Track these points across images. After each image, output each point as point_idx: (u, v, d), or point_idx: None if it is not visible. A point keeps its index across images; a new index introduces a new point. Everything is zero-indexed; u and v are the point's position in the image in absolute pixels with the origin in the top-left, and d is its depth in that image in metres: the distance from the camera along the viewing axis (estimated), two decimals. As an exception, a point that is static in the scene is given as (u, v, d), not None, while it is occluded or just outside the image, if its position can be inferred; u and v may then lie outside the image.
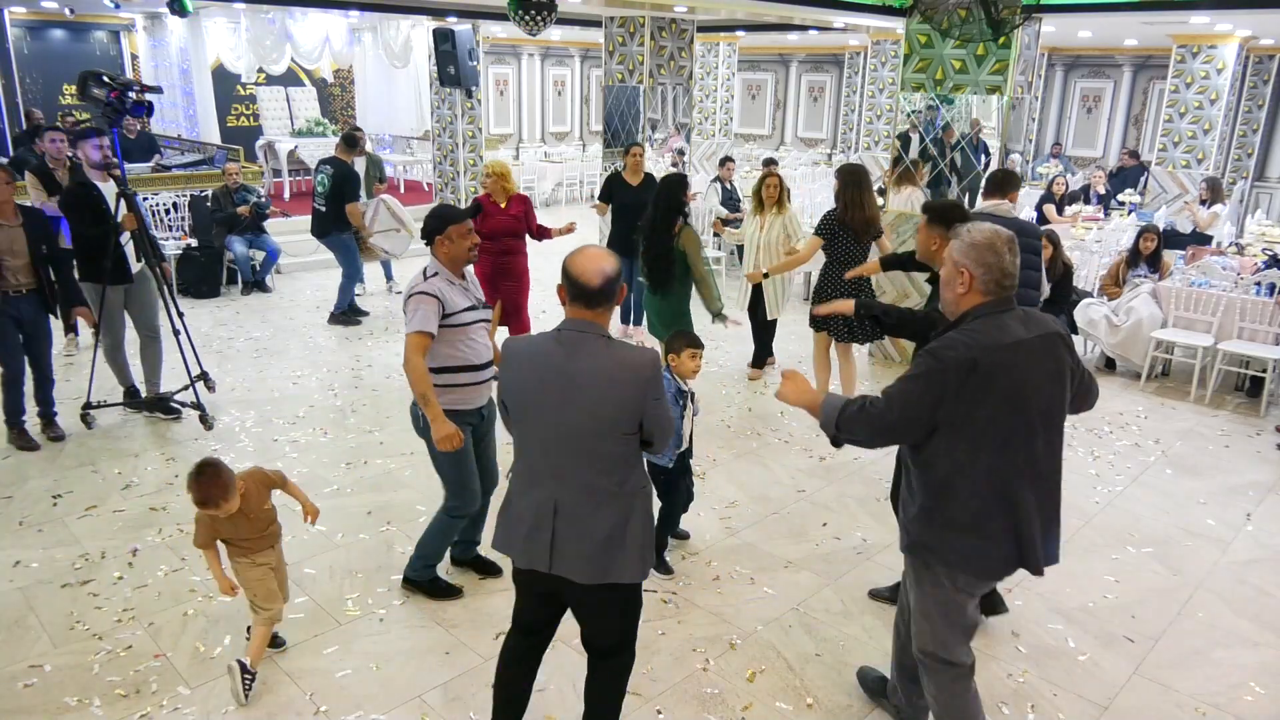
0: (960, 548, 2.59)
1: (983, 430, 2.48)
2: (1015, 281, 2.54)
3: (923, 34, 6.77)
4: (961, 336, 2.50)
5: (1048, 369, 2.56)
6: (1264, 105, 12.84)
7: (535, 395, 2.49)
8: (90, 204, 5.37)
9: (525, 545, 2.56)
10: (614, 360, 2.45)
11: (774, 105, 18.20)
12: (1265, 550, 4.56)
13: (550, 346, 2.49)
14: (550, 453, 2.51)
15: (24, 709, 3.16)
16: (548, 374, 2.47)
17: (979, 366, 2.43)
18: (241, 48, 13.08)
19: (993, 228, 2.57)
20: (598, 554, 2.50)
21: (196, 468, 3.12)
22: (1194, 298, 6.82)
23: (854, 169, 5.86)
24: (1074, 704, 3.35)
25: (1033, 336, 2.53)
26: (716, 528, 4.61)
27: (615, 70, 9.21)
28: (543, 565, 2.54)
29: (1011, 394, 2.48)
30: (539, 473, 2.55)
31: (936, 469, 2.56)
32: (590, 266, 2.46)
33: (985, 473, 2.52)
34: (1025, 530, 2.57)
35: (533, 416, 2.51)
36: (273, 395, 6.27)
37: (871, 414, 2.54)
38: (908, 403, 2.50)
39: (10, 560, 4.10)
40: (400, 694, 3.29)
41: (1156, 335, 6.85)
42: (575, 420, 2.45)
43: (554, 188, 15.36)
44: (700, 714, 3.24)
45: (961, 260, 2.54)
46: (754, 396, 6.57)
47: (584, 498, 2.50)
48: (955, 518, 2.57)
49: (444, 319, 3.47)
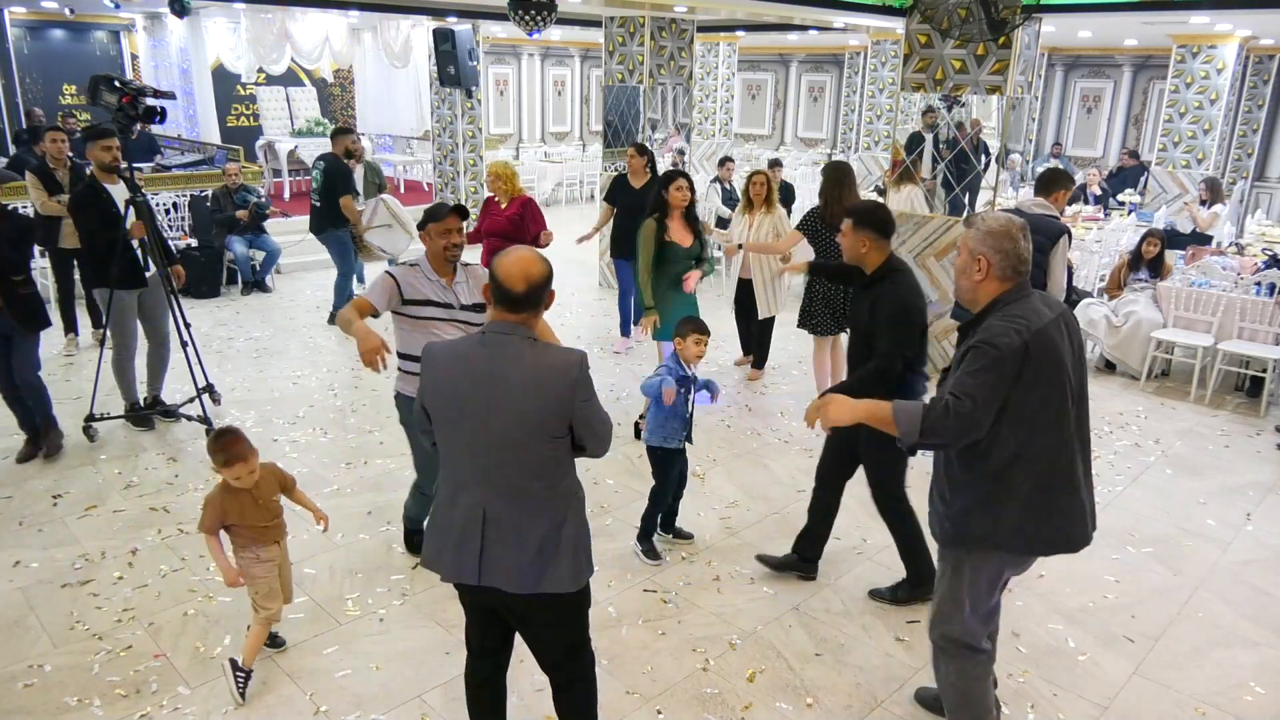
0: (1020, 529, 2.64)
1: (1038, 412, 2.55)
2: (1030, 267, 2.62)
3: (923, 34, 6.78)
4: (1010, 323, 2.55)
5: (1073, 346, 2.64)
6: (1264, 105, 12.83)
7: (460, 399, 2.40)
8: (99, 206, 5.25)
9: (453, 557, 2.46)
10: (540, 361, 2.39)
11: (774, 105, 18.20)
12: (1265, 550, 4.56)
13: (474, 349, 2.42)
14: (478, 457, 2.42)
15: (24, 709, 3.16)
16: (473, 376, 2.39)
17: (1030, 350, 2.51)
18: (241, 48, 13.08)
19: (1008, 216, 2.66)
20: (529, 563, 2.41)
21: (215, 433, 3.24)
22: (1194, 298, 6.82)
23: (836, 166, 5.89)
24: (1074, 704, 3.35)
25: (1056, 316, 2.61)
26: (716, 528, 4.61)
27: (615, 70, 9.21)
28: (471, 577, 2.44)
29: (1055, 373, 2.56)
30: (465, 480, 2.45)
31: (993, 457, 2.59)
32: (515, 270, 2.39)
33: (1044, 452, 2.58)
34: (1086, 499, 2.67)
35: (458, 420, 2.42)
36: (273, 395, 6.27)
37: (960, 414, 2.50)
38: (987, 396, 2.51)
39: (10, 560, 4.10)
40: (400, 694, 3.29)
41: (1156, 335, 6.85)
42: (502, 423, 2.37)
43: (554, 188, 15.36)
44: (700, 714, 3.24)
45: (978, 248, 2.61)
46: (754, 396, 6.57)
47: (513, 504, 2.42)
48: (1015, 501, 2.61)
49: (402, 305, 3.65)
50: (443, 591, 3.90)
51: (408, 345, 3.70)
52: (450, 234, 3.63)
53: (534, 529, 2.42)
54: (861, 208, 3.71)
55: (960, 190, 7.05)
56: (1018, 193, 10.99)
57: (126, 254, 5.25)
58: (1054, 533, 2.66)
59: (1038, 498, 2.61)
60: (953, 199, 7.07)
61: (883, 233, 3.61)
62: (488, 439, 2.39)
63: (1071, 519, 2.66)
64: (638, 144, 7.40)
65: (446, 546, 2.49)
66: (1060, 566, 4.30)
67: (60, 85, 13.86)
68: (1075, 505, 2.65)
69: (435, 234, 3.65)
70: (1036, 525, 2.63)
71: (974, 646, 2.81)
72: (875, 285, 3.64)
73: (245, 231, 8.96)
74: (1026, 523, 2.62)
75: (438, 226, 3.63)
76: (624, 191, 7.28)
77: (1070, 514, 2.65)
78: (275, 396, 6.24)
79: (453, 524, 2.47)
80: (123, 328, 5.47)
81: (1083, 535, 2.71)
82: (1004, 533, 2.65)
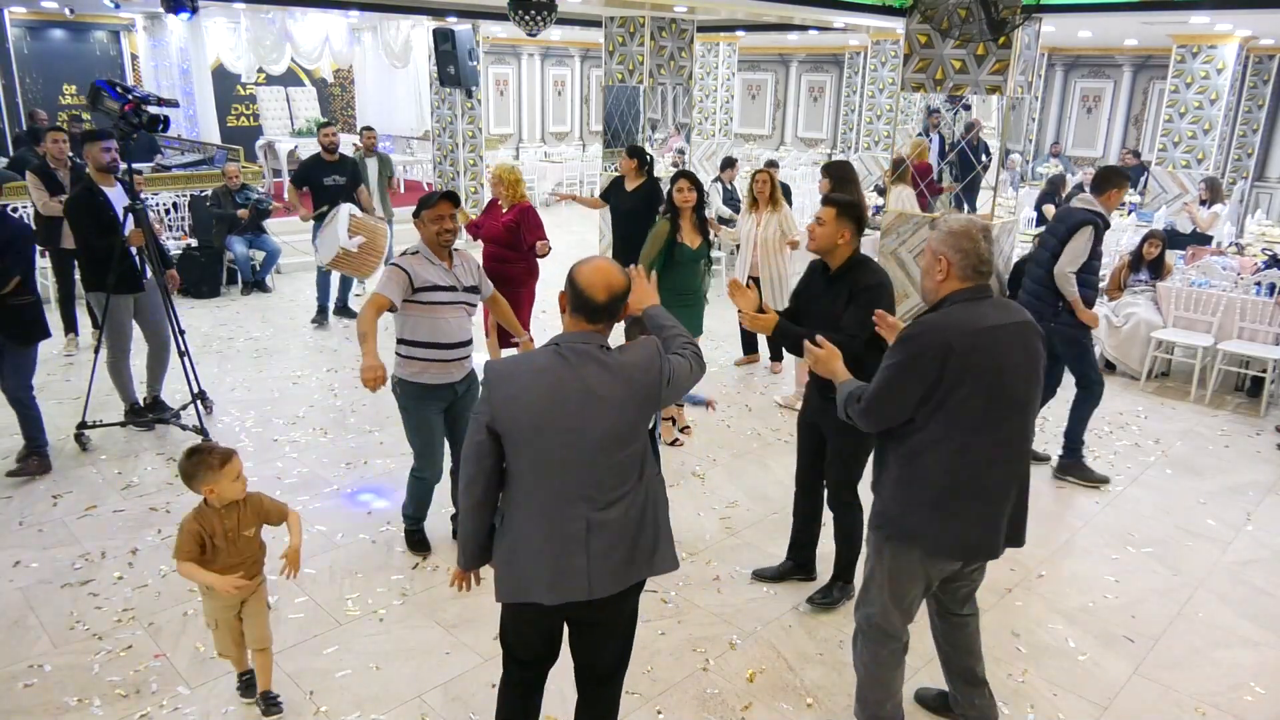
0: (923, 523, 2.67)
1: (956, 410, 2.57)
2: (990, 268, 2.64)
3: (923, 34, 6.78)
4: (935, 319, 2.62)
5: (1021, 356, 2.63)
6: (1264, 105, 12.83)
7: (549, 414, 2.28)
8: (95, 211, 5.19)
9: (553, 580, 2.33)
10: (625, 362, 2.35)
11: (774, 105, 18.21)
12: (1265, 550, 4.56)
13: (554, 362, 2.31)
14: (570, 471, 2.31)
15: (24, 709, 3.16)
16: (558, 391, 2.28)
17: (955, 349, 2.52)
18: (241, 48, 13.08)
19: (969, 217, 2.71)
20: (635, 555, 2.39)
21: (186, 452, 2.94)
22: (1194, 298, 6.82)
23: (840, 165, 5.84)
24: (1074, 704, 3.35)
25: (1006, 323, 2.63)
26: (716, 528, 4.61)
27: (615, 70, 9.21)
28: (581, 594, 2.34)
29: (986, 377, 2.55)
30: (554, 498, 2.33)
31: (908, 440, 2.65)
32: (597, 279, 2.33)
33: (956, 452, 2.60)
34: (991, 513, 2.67)
35: (543, 438, 2.30)
36: (273, 395, 6.27)
37: (867, 409, 2.67)
38: (890, 396, 2.63)
39: (10, 560, 4.10)
40: (400, 694, 3.29)
41: (1156, 335, 6.85)
42: (597, 435, 2.29)
43: (554, 188, 15.38)
44: (700, 714, 3.24)
45: (940, 248, 2.66)
46: (754, 396, 6.57)
47: (612, 508, 2.35)
48: (923, 491, 2.65)
49: (413, 293, 3.72)
50: (443, 592, 3.90)
51: (415, 332, 3.79)
52: (442, 220, 3.75)
53: (636, 525, 2.39)
54: (845, 199, 3.65)
55: (960, 190, 7.05)
56: (1018, 193, 10.99)
57: (124, 260, 5.20)
58: (951, 537, 2.66)
59: (945, 497, 2.63)
60: (954, 199, 7.07)
61: (860, 227, 3.60)
62: (580, 454, 2.30)
63: (971, 525, 2.65)
64: (630, 146, 7.27)
65: (541, 570, 2.34)
66: (1060, 566, 4.31)
67: (60, 85, 13.86)
68: (982, 514, 2.65)
69: (428, 220, 3.75)
70: (941, 524, 2.65)
71: (889, 633, 2.85)
72: (848, 274, 3.56)
73: (245, 231, 8.96)
74: (932, 519, 2.65)
75: (430, 213, 3.74)
76: (618, 193, 7.05)
77: (971, 520, 2.65)
78: (275, 396, 6.24)
79: (545, 546, 2.34)
80: (118, 331, 5.43)
81: (983, 547, 2.70)
82: (914, 524, 2.68)
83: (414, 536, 4.28)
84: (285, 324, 8.03)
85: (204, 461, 2.88)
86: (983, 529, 2.67)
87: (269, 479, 4.98)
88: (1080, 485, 5.20)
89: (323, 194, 7.65)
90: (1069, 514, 4.87)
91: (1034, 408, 2.72)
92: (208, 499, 2.92)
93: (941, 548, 2.70)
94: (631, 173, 6.93)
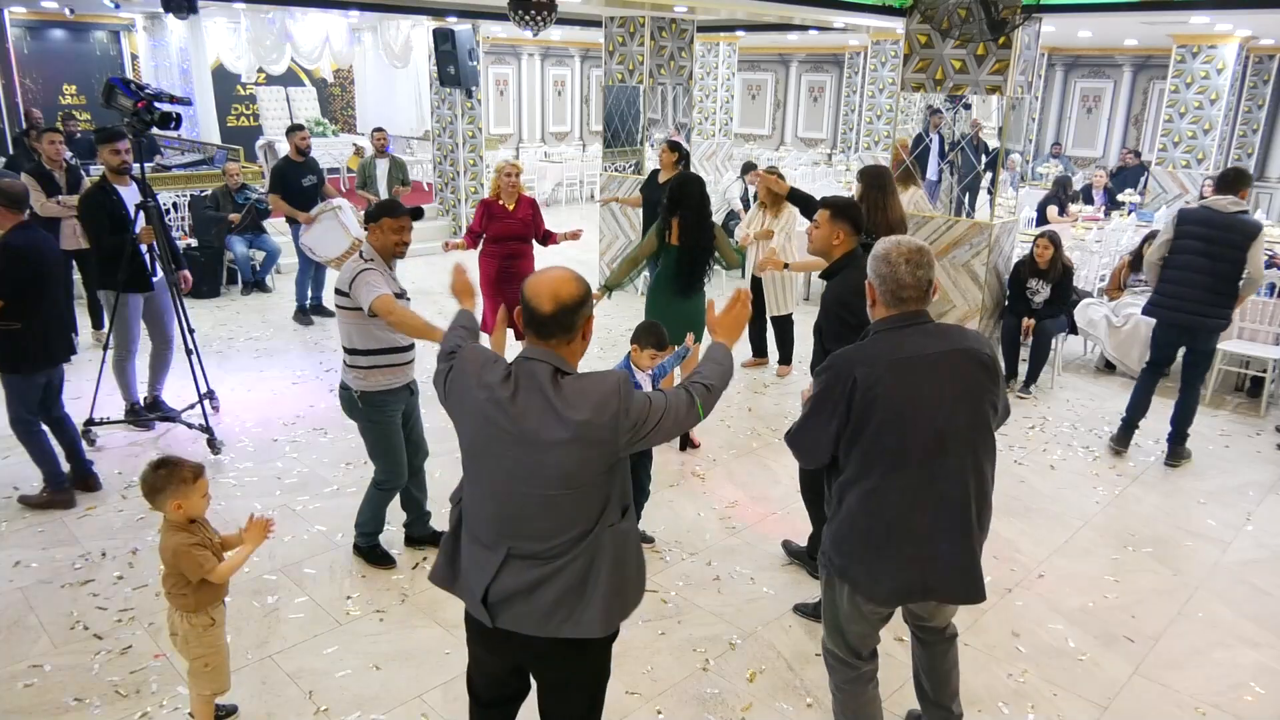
0: (853, 563, 2.55)
1: (869, 448, 2.45)
2: (915, 293, 2.48)
3: (923, 34, 6.77)
4: (849, 351, 2.52)
5: (947, 387, 2.45)
6: (1264, 105, 12.84)
7: (484, 434, 2.17)
8: (109, 209, 5.19)
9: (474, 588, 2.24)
10: (568, 403, 2.08)
11: (774, 105, 18.21)
12: (1265, 550, 4.56)
13: (500, 381, 2.14)
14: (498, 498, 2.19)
15: (24, 709, 3.16)
16: (496, 421, 2.13)
17: (859, 382, 2.41)
18: (241, 48, 13.09)
19: (894, 239, 2.55)
20: (560, 607, 2.18)
21: (153, 464, 2.82)
22: (1194, 298, 6.81)
23: (877, 171, 5.73)
24: (1074, 704, 3.35)
25: (932, 353, 2.46)
26: (716, 528, 4.61)
27: (615, 70, 9.21)
28: (485, 619, 2.23)
29: (896, 411, 2.42)
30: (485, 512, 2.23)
31: (837, 478, 2.57)
32: (543, 288, 2.12)
33: (873, 490, 2.47)
34: (924, 555, 2.49)
35: (481, 461, 2.20)
36: (273, 395, 6.26)
37: (790, 441, 2.64)
38: (806, 429, 2.56)
39: (10, 560, 4.10)
40: (400, 694, 3.29)
41: (1156, 335, 6.84)
42: (526, 481, 2.13)
43: (554, 188, 15.37)
44: (700, 714, 3.24)
45: (868, 273, 2.56)
46: (754, 396, 6.57)
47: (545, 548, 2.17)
48: (850, 531, 2.53)
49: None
50: (443, 592, 3.89)
51: (379, 340, 3.80)
52: (404, 231, 3.80)
53: (570, 575, 2.17)
54: (841, 201, 3.68)
55: (961, 191, 7.05)
56: (1018, 193, 10.99)
57: (135, 258, 5.20)
58: (881, 579, 2.51)
59: (870, 537, 2.49)
60: (955, 199, 7.06)
61: (857, 229, 3.61)
62: (512, 487, 2.16)
63: (900, 568, 2.49)
64: (670, 140, 7.70)
65: (469, 573, 2.28)
66: (1060, 566, 4.30)
67: (60, 85, 13.86)
68: (913, 557, 2.48)
69: (389, 229, 3.76)
70: (868, 566, 2.50)
71: (845, 661, 2.75)
72: (834, 276, 3.65)
73: (245, 231, 8.96)
74: (861, 560, 2.52)
75: (394, 223, 3.76)
76: (651, 186, 7.40)
77: (899, 563, 2.49)
78: (275, 396, 6.24)
79: (469, 546, 2.29)
80: (126, 330, 5.43)
81: (917, 589, 2.52)
82: (844, 564, 2.56)
83: (375, 553, 4.15)
84: (285, 324, 8.03)
85: (176, 474, 2.75)
86: (914, 572, 2.49)
87: (269, 479, 4.98)
88: (1080, 484, 5.20)
89: (301, 196, 7.68)
90: (1069, 514, 4.87)
91: (967, 446, 2.48)
92: (170, 516, 2.78)
93: (873, 591, 2.54)
94: (669, 165, 7.20)
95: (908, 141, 7.15)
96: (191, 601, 2.82)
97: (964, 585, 2.54)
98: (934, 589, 2.54)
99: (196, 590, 2.81)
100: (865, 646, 2.75)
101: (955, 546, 2.50)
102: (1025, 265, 6.73)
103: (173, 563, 2.78)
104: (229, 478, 4.99)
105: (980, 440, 2.51)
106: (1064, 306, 6.77)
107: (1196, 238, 5.24)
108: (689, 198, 5.17)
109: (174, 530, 2.79)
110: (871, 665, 2.79)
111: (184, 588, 2.81)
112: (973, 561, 2.54)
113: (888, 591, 2.54)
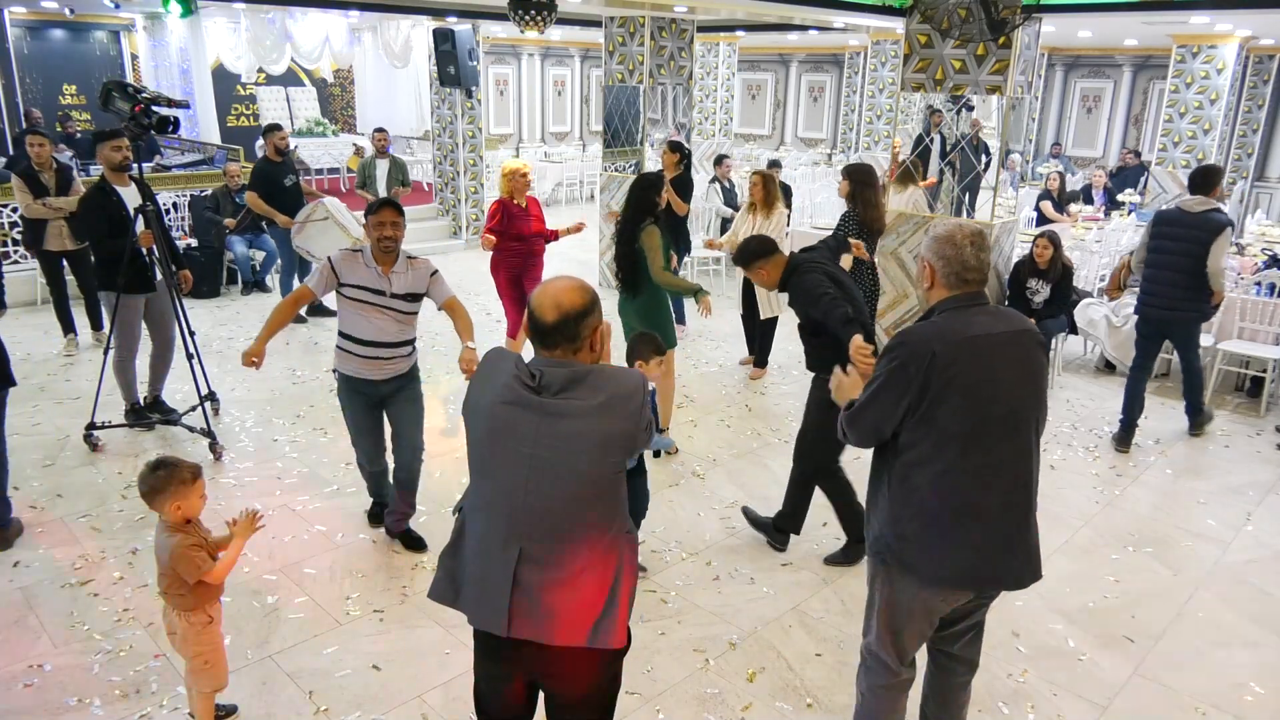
0: (917, 549, 2.50)
1: (944, 427, 2.43)
2: (979, 275, 2.52)
3: (923, 34, 6.77)
4: (920, 328, 2.52)
5: (1016, 367, 2.49)
6: (1264, 105, 12.84)
7: (492, 443, 2.13)
8: (108, 211, 5.17)
9: (479, 597, 2.16)
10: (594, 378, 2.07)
11: (774, 105, 18.21)
12: (1265, 550, 4.56)
13: (525, 372, 2.10)
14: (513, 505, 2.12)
15: (24, 709, 3.16)
16: (506, 434, 2.09)
17: (937, 359, 2.40)
18: (241, 48, 13.09)
19: (958, 221, 2.64)
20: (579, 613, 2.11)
21: (151, 465, 2.81)
22: (1194, 298, 6.81)
23: (863, 168, 5.81)
24: (1074, 704, 3.35)
25: (1000, 332, 2.48)
26: (716, 528, 4.61)
27: (615, 70, 9.21)
28: (499, 627, 2.13)
29: (973, 390, 2.42)
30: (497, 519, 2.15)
31: (899, 458, 2.53)
32: (546, 298, 2.08)
33: (944, 472, 2.45)
34: (991, 538, 2.48)
35: (490, 466, 2.15)
36: (273, 395, 6.26)
37: (850, 420, 2.61)
38: (870, 408, 2.54)
39: (10, 560, 4.10)
40: (400, 694, 3.29)
41: (1156, 335, 6.84)
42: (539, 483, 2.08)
43: (554, 188, 15.37)
44: (700, 714, 3.24)
45: (925, 255, 2.58)
46: (754, 396, 6.57)
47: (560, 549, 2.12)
48: (915, 514, 2.50)
49: (339, 286, 3.90)
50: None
51: (342, 324, 3.99)
52: (383, 226, 3.84)
53: (582, 582, 2.11)
54: (753, 249, 4.02)
55: (961, 191, 7.05)
56: (1018, 193, 10.99)
57: (136, 259, 5.18)
58: (948, 563, 2.47)
59: (938, 520, 2.46)
60: (955, 199, 7.07)
61: (771, 254, 3.99)
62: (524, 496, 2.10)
63: (968, 551, 2.47)
64: (671, 141, 7.79)
65: (472, 586, 2.19)
66: (1060, 566, 4.30)
67: (60, 85, 13.86)
68: (983, 540, 2.46)
69: (371, 226, 3.89)
70: (936, 550, 2.47)
71: (886, 666, 2.70)
72: (786, 288, 4.00)
73: (245, 231, 8.96)
74: (927, 544, 2.48)
75: (373, 219, 3.87)
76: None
77: (969, 546, 2.46)
78: (275, 396, 6.24)
79: (476, 549, 2.19)
80: (127, 331, 5.41)
81: (986, 575, 2.52)
82: (907, 550, 2.51)
83: (371, 511, 4.52)
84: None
85: (176, 475, 2.74)
86: (983, 555, 2.48)
87: (269, 479, 4.98)
88: (1080, 484, 5.20)
89: (283, 195, 7.65)
90: (1069, 514, 4.87)
91: (1032, 427, 2.52)
92: (168, 517, 2.77)
93: (939, 576, 2.50)
94: (671, 166, 7.38)
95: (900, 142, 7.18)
96: (189, 600, 2.83)
97: (1028, 567, 2.55)
98: (999, 578, 2.55)
99: (194, 589, 2.82)
100: (914, 649, 2.70)
101: (1023, 528, 2.53)
102: (1025, 265, 6.73)
103: (170, 564, 2.78)
104: (229, 478, 4.99)
105: (1041, 420, 2.57)
106: (1064, 306, 6.77)
107: (1169, 237, 5.55)
108: (627, 198, 5.04)
109: (171, 531, 2.80)
110: (910, 674, 2.75)
111: (181, 587, 2.81)
112: (1036, 542, 2.58)
113: (951, 574, 2.51)
